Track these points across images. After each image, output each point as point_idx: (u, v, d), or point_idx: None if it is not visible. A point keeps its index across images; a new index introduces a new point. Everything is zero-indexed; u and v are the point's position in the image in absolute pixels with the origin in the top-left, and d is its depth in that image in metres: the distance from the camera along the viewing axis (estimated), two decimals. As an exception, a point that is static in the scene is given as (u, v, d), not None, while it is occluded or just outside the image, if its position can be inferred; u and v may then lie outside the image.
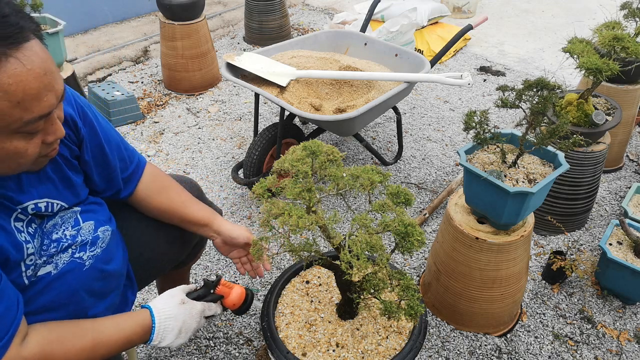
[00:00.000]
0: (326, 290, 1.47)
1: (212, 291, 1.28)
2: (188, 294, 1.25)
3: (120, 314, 1.15)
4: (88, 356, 1.02)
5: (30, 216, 1.01)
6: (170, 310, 1.16)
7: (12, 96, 0.79)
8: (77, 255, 1.10)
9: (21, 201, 0.99)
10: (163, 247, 1.39)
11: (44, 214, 1.04)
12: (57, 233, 1.07)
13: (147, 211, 1.34)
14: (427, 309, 1.94)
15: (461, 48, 4.24)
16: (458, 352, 1.81)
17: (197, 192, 1.48)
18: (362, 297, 1.19)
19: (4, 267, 0.95)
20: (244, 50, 4.06)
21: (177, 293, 1.22)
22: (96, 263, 1.13)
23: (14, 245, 0.96)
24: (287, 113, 2.40)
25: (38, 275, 1.02)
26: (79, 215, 1.13)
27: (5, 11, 0.80)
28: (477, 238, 1.63)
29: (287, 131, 2.44)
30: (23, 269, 0.99)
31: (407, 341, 1.30)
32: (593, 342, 1.86)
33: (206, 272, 2.13)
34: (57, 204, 1.07)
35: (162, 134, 3.06)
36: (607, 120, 2.07)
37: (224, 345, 1.82)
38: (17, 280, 0.98)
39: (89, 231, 1.14)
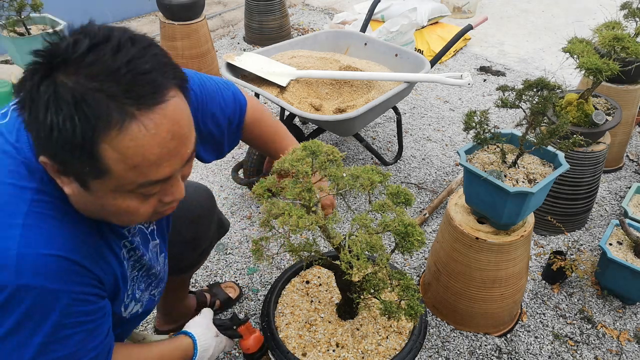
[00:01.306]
0: (326, 290, 1.46)
1: (235, 327, 1.33)
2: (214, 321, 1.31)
3: (167, 339, 1.19)
4: None
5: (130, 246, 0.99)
6: (208, 342, 1.22)
7: (128, 160, 0.73)
8: (153, 292, 1.12)
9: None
10: (178, 247, 1.38)
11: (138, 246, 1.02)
12: (154, 268, 1.08)
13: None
14: (427, 309, 1.94)
15: (461, 48, 4.24)
16: (458, 352, 1.81)
17: (210, 203, 1.49)
18: (362, 297, 1.19)
19: (113, 300, 0.95)
20: (244, 50, 4.05)
21: (211, 324, 1.27)
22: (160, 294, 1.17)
23: (123, 276, 0.95)
24: (287, 113, 2.40)
25: (129, 312, 1.04)
26: (159, 245, 1.12)
27: (146, 67, 0.73)
28: (477, 238, 1.63)
29: (287, 131, 2.43)
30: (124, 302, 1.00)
31: (407, 341, 1.30)
32: (593, 342, 1.86)
33: (205, 272, 2.13)
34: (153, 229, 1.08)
35: (162, 134, 3.06)
36: (607, 120, 2.07)
37: (224, 345, 1.82)
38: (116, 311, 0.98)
39: (164, 264, 1.15)
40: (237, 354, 1.79)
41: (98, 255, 0.88)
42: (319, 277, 1.51)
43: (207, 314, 1.30)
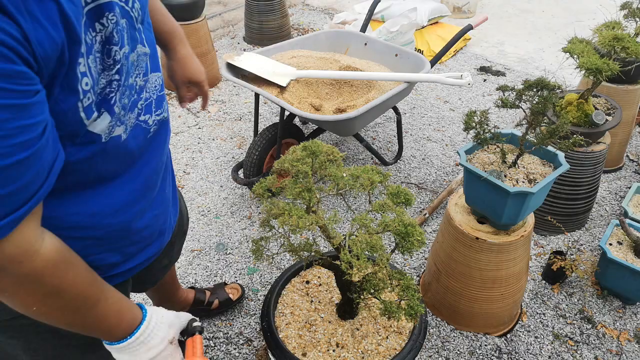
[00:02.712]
0: (326, 290, 1.46)
1: (184, 337, 1.01)
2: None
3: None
4: (88, 296, 0.80)
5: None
6: (158, 335, 0.92)
7: None
8: (142, 117, 0.87)
9: None
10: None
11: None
12: (131, 77, 0.81)
13: None
14: (427, 309, 1.94)
15: (461, 48, 4.24)
16: (458, 352, 1.81)
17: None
18: (362, 297, 1.19)
19: (53, 81, 0.65)
20: (244, 50, 4.05)
21: (176, 324, 0.99)
22: (161, 132, 0.93)
23: (72, 37, 0.65)
24: (287, 113, 2.40)
25: (111, 137, 0.79)
26: (148, 61, 0.86)
27: None
28: (477, 238, 1.63)
29: (287, 131, 2.44)
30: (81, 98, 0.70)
31: (407, 341, 1.30)
32: (593, 342, 1.86)
33: (206, 272, 2.13)
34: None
35: (162, 134, 3.06)
36: (607, 120, 2.07)
37: (224, 345, 1.82)
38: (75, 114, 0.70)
39: (156, 86, 0.90)
40: (236, 354, 1.79)
41: None
42: (319, 277, 1.51)
43: (181, 315, 1.02)
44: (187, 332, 1.01)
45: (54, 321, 0.79)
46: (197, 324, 1.00)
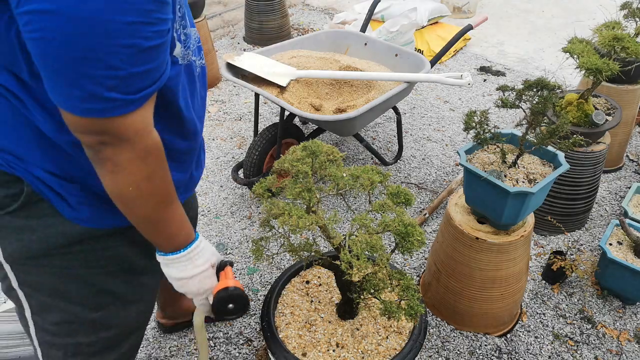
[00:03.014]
0: (326, 290, 1.46)
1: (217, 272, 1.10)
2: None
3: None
4: (169, 193, 0.92)
5: None
6: (203, 257, 1.04)
7: None
8: (193, 57, 0.99)
9: None
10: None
11: None
12: (186, 27, 0.93)
13: None
14: (427, 309, 1.94)
15: (461, 48, 4.24)
16: (458, 352, 1.81)
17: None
18: (362, 297, 1.19)
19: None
20: (244, 50, 4.05)
21: (216, 256, 1.10)
22: (202, 79, 1.05)
23: None
24: (287, 113, 2.40)
25: (185, 63, 0.93)
26: (186, 15, 0.97)
27: None
28: (477, 238, 1.63)
29: (287, 131, 2.44)
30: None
31: (407, 341, 1.30)
32: (593, 342, 1.86)
33: (206, 272, 2.13)
34: None
35: (162, 134, 3.06)
36: (607, 120, 2.07)
37: (224, 345, 1.82)
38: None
39: (196, 39, 1.01)
40: (236, 354, 1.79)
41: None
42: (319, 277, 1.51)
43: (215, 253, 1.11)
44: (219, 268, 1.11)
45: (136, 209, 0.89)
46: (226, 259, 1.12)
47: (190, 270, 1.02)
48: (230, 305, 1.06)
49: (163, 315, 1.83)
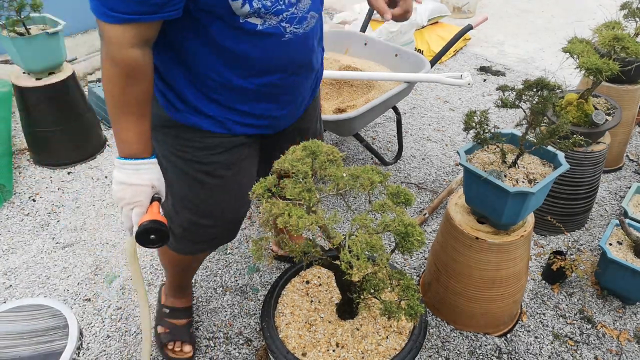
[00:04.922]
0: (326, 290, 1.47)
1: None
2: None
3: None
4: (120, 102, 1.10)
5: None
6: (155, 174, 1.18)
7: None
8: (283, 24, 1.16)
9: None
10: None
11: None
12: None
13: None
14: (427, 309, 1.94)
15: (461, 48, 4.24)
16: (458, 352, 1.81)
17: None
18: (362, 297, 1.19)
19: None
20: (244, 50, 4.04)
21: (160, 182, 1.21)
22: (296, 40, 1.20)
23: None
24: (287, 113, 2.39)
25: (246, 21, 1.11)
26: None
27: None
28: (477, 238, 1.63)
29: (287, 131, 2.43)
30: None
31: (407, 341, 1.30)
32: (593, 342, 1.86)
33: (205, 272, 2.13)
34: None
35: (162, 134, 3.06)
36: (607, 120, 2.07)
37: (224, 345, 1.82)
38: None
39: (304, 8, 1.18)
40: (236, 354, 1.79)
41: None
42: (319, 277, 1.51)
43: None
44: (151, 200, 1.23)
45: (106, 100, 1.11)
46: (157, 196, 1.22)
47: (134, 179, 1.14)
48: (152, 237, 1.15)
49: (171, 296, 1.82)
